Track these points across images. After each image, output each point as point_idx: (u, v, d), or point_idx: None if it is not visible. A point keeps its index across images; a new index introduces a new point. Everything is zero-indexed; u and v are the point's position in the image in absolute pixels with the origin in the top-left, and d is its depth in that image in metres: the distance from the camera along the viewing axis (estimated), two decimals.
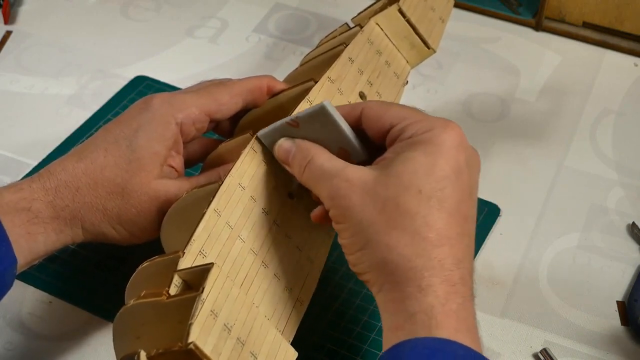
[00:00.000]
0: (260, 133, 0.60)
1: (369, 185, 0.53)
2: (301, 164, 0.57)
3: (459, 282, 0.52)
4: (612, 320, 0.70)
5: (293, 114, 0.59)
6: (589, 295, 0.72)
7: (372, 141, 0.58)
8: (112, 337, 0.55)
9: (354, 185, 0.54)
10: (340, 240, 0.55)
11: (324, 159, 0.56)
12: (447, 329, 0.50)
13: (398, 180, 0.53)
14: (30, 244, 0.60)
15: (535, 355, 0.68)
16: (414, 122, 0.55)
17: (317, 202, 0.58)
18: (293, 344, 0.56)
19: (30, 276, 0.71)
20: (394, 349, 0.51)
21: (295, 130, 0.58)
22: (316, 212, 0.58)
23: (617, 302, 0.72)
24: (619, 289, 0.73)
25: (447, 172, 0.53)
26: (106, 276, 0.72)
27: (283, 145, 0.59)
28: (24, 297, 0.70)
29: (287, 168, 0.59)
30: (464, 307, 0.51)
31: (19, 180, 0.63)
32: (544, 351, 0.67)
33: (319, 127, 0.57)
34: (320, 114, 0.57)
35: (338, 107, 0.58)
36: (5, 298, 0.61)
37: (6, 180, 0.79)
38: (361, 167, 0.55)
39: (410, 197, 0.52)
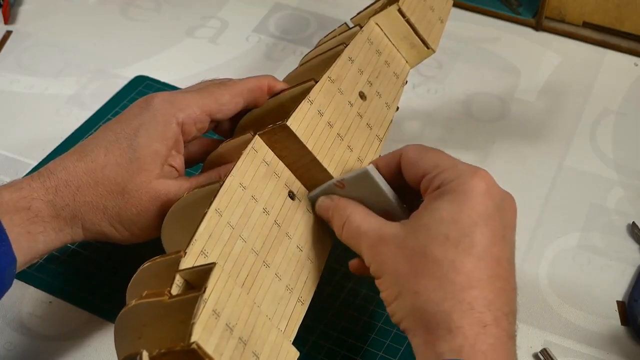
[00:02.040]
0: (310, 195, 0.62)
1: (399, 239, 0.55)
2: (339, 223, 0.59)
3: (491, 323, 0.52)
4: (612, 320, 0.70)
5: (339, 176, 0.61)
6: (589, 295, 0.72)
7: (411, 188, 0.59)
8: (112, 337, 0.55)
9: (388, 242, 0.56)
10: (381, 295, 0.56)
11: (360, 218, 0.58)
12: None
13: (425, 230, 0.54)
14: (30, 243, 0.60)
15: (535, 355, 0.68)
16: (442, 170, 0.56)
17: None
18: (293, 343, 0.56)
19: (30, 276, 0.71)
20: None
21: (341, 190, 0.61)
22: (354, 262, 0.60)
23: (617, 302, 0.72)
24: (619, 289, 0.73)
25: (474, 218, 0.54)
26: (106, 276, 0.71)
27: (322, 203, 0.61)
28: (24, 297, 0.70)
29: (330, 225, 0.61)
30: (494, 348, 0.51)
31: (18, 179, 0.63)
32: (544, 351, 0.67)
33: (363, 189, 0.59)
34: (364, 177, 0.59)
35: (380, 158, 0.60)
36: (5, 298, 0.61)
37: (6, 180, 0.78)
38: (395, 224, 0.57)
39: (437, 245, 0.53)
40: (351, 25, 0.73)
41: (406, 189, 0.60)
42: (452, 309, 0.52)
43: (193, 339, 0.47)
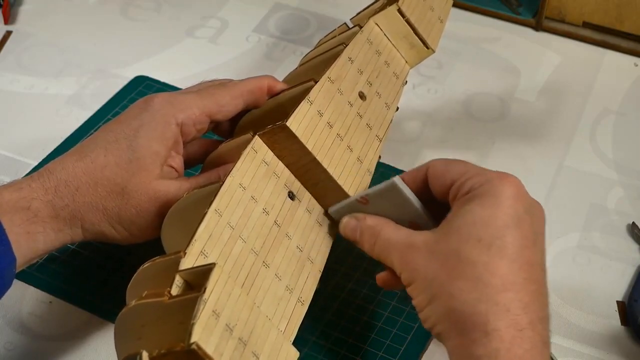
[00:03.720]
0: (331, 210, 0.62)
1: (430, 245, 0.55)
2: (370, 241, 0.59)
3: (527, 327, 0.52)
4: (612, 320, 0.70)
5: (361, 192, 0.61)
6: (589, 295, 0.72)
7: (439, 200, 0.59)
8: (112, 337, 0.55)
9: (418, 248, 0.56)
10: (413, 302, 0.56)
11: (390, 231, 0.58)
12: None
13: (457, 233, 0.54)
14: (30, 243, 0.60)
15: None
16: (471, 177, 0.56)
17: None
18: (293, 344, 0.56)
19: (30, 276, 0.71)
20: None
21: (364, 207, 0.60)
22: (381, 275, 0.60)
23: (617, 302, 0.72)
24: (619, 289, 0.73)
25: (505, 221, 0.54)
26: (106, 276, 0.71)
27: (349, 225, 0.61)
28: (24, 297, 0.70)
29: (357, 245, 0.61)
30: (531, 354, 0.51)
31: (18, 179, 0.63)
32: None
33: (388, 203, 0.59)
34: (391, 191, 0.59)
35: (405, 173, 0.60)
36: (5, 298, 0.61)
37: (6, 180, 0.78)
38: (425, 232, 0.57)
39: (470, 248, 0.53)
40: (351, 25, 0.73)
41: (432, 203, 0.60)
42: (488, 311, 0.51)
43: (193, 339, 0.47)
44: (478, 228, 0.54)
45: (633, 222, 0.77)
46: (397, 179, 0.58)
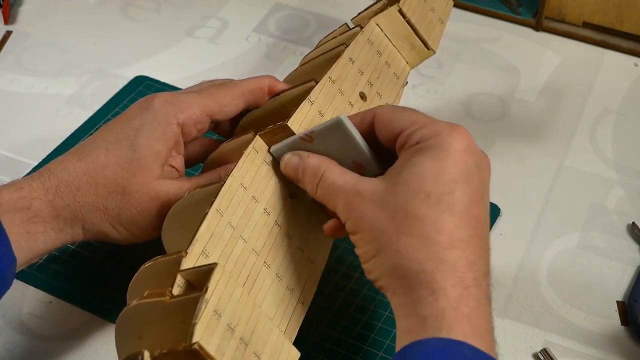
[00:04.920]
0: (273, 148, 0.60)
1: (378, 195, 0.54)
2: (313, 181, 0.58)
3: (473, 284, 0.51)
4: (612, 320, 0.70)
5: (308, 129, 0.59)
6: (589, 295, 0.72)
7: (385, 147, 0.58)
8: (112, 337, 0.55)
9: (365, 197, 0.54)
10: (357, 251, 0.55)
11: (336, 174, 0.57)
12: (459, 333, 0.50)
13: (406, 186, 0.53)
14: (30, 243, 0.60)
15: (535, 355, 0.68)
16: (420, 127, 0.55)
17: (323, 207, 0.59)
18: (293, 344, 0.56)
19: (31, 276, 0.71)
20: (403, 351, 0.51)
21: (308, 145, 0.58)
22: (329, 224, 0.59)
23: (617, 302, 0.72)
24: (619, 289, 0.73)
25: (455, 175, 0.53)
26: (106, 276, 0.71)
27: (290, 162, 0.59)
28: (24, 297, 0.70)
29: (298, 184, 0.59)
30: (477, 311, 0.51)
31: (18, 179, 0.63)
32: (544, 351, 0.68)
33: (333, 141, 0.57)
34: (337, 128, 0.57)
35: (351, 116, 0.58)
36: (5, 298, 0.61)
37: (6, 180, 0.78)
38: (372, 179, 0.55)
39: (418, 202, 0.52)
40: (352, 25, 0.73)
41: (377, 150, 0.58)
42: (435, 269, 0.51)
43: (195, 339, 0.47)
44: (427, 182, 0.52)
45: (633, 222, 0.77)
46: (343, 117, 0.56)
